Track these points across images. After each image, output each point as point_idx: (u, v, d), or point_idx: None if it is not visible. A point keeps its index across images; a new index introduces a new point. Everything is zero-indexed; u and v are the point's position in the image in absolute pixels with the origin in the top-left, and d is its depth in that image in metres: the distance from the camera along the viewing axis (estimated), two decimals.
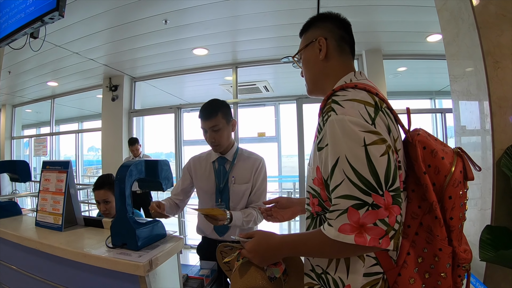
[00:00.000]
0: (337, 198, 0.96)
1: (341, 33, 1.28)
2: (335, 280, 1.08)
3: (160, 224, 1.56)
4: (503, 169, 2.30)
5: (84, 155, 12.40)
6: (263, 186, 2.37)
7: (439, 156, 1.04)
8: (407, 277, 1.05)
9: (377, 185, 0.92)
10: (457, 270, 1.05)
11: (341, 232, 0.93)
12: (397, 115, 1.10)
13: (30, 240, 1.67)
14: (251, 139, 7.03)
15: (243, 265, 1.23)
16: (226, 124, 2.25)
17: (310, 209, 1.21)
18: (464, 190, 1.05)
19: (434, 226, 1.03)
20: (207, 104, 2.24)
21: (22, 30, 2.89)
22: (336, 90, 1.10)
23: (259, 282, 1.18)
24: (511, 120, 2.40)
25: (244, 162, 2.36)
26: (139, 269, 1.24)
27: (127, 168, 1.40)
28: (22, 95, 8.39)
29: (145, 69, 6.72)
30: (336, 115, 1.00)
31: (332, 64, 1.26)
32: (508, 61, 2.44)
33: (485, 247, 2.21)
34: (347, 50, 1.29)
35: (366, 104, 1.01)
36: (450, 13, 2.90)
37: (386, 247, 0.91)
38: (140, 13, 4.24)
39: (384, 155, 0.94)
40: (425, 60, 5.93)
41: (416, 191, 1.09)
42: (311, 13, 3.02)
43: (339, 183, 0.96)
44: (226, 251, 1.38)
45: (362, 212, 0.91)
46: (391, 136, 1.03)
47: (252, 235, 1.23)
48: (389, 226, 0.91)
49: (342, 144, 0.96)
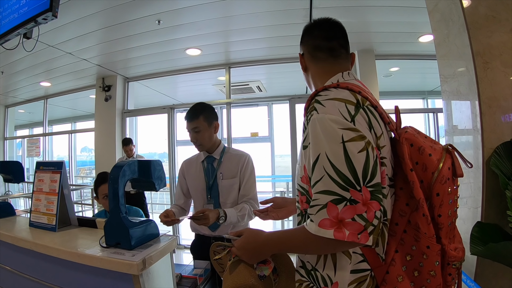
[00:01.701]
0: (317, 193, 0.98)
1: (315, 43, 1.32)
2: (324, 277, 1.09)
3: (153, 223, 1.57)
4: (492, 168, 2.34)
5: (77, 155, 12.36)
6: (251, 179, 2.50)
7: (426, 153, 1.04)
8: (395, 275, 1.06)
9: (354, 181, 0.94)
10: (447, 268, 1.05)
11: (321, 227, 0.94)
12: (384, 113, 1.12)
13: (25, 240, 1.68)
14: (244, 139, 7.04)
15: (234, 263, 1.23)
16: (207, 126, 2.40)
17: (299, 207, 1.23)
18: (453, 187, 1.05)
19: (422, 223, 1.03)
20: (192, 107, 2.43)
21: (15, 31, 2.89)
22: (319, 91, 1.13)
23: (249, 280, 1.18)
24: (503, 120, 2.43)
25: (231, 159, 2.50)
26: (133, 268, 1.25)
27: (120, 168, 1.41)
28: (15, 96, 8.33)
29: (138, 69, 6.71)
30: (318, 114, 1.03)
31: (313, 73, 1.34)
32: (498, 62, 2.47)
33: (475, 241, 2.25)
34: (324, 56, 1.31)
35: (347, 103, 1.03)
36: (441, 14, 2.93)
37: (365, 242, 0.92)
38: (133, 13, 4.24)
39: (363, 151, 0.96)
40: (418, 60, 5.97)
41: (404, 188, 1.10)
42: (303, 14, 3.02)
43: (319, 179, 0.98)
44: (219, 251, 1.39)
45: (340, 207, 0.93)
46: (373, 133, 1.04)
47: (241, 233, 1.25)
48: (368, 222, 0.92)
49: (322, 142, 0.99)
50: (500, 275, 2.38)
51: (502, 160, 2.32)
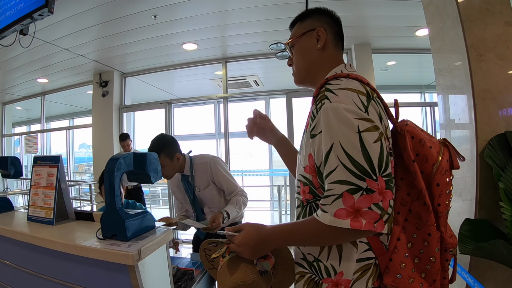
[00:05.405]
0: (332, 183, 0.98)
1: (336, 28, 1.32)
2: (327, 267, 1.11)
3: (149, 216, 1.59)
4: (486, 159, 2.35)
5: (75, 152, 12.36)
6: (225, 179, 2.62)
7: (427, 145, 1.08)
8: (398, 262, 1.09)
9: (371, 170, 0.95)
10: (444, 254, 1.10)
11: (337, 217, 0.95)
12: (387, 106, 1.15)
13: (23, 234, 1.68)
14: (241, 134, 7.04)
15: (231, 260, 1.20)
16: (169, 161, 2.50)
17: (300, 198, 1.23)
18: (450, 178, 1.10)
19: (423, 212, 1.08)
20: (150, 146, 2.51)
21: (11, 27, 2.91)
22: (329, 79, 1.13)
23: (250, 277, 1.15)
24: (501, 114, 2.45)
25: (199, 170, 2.63)
26: (129, 259, 1.26)
27: (116, 161, 1.42)
28: (12, 93, 8.32)
29: (135, 64, 6.69)
30: (331, 103, 1.02)
31: (327, 55, 1.29)
32: (492, 54, 2.48)
33: (464, 240, 2.25)
34: (340, 45, 1.33)
35: (359, 93, 1.04)
36: (435, 7, 2.94)
37: (381, 230, 0.94)
38: (130, 8, 4.24)
39: (377, 141, 0.97)
40: (414, 54, 5.98)
41: (404, 179, 1.13)
42: (299, 7, 2.99)
43: (334, 168, 0.98)
44: (210, 248, 1.36)
45: (356, 196, 0.94)
46: (383, 124, 1.06)
47: (240, 228, 1.21)
48: (383, 210, 0.94)
49: (336, 131, 0.99)
50: (495, 267, 2.39)
51: (495, 152, 2.34)
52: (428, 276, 1.10)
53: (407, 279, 1.09)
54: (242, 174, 10.49)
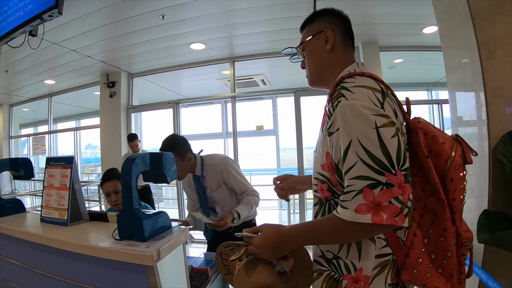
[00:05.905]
0: (351, 179, 0.99)
1: (344, 28, 1.33)
2: (347, 264, 1.11)
3: (165, 215, 1.59)
4: (498, 156, 2.34)
5: (82, 153, 12.41)
6: (237, 179, 2.62)
7: (440, 141, 1.09)
8: (415, 257, 1.10)
9: (390, 165, 0.95)
10: (461, 249, 1.11)
11: (358, 213, 0.96)
12: (401, 103, 1.16)
13: (36, 235, 1.68)
14: (250, 133, 7.06)
15: (249, 263, 1.18)
16: (181, 161, 2.48)
17: (318, 195, 1.24)
18: (463, 173, 1.11)
19: (439, 207, 1.09)
20: (161, 146, 2.52)
21: (21, 28, 2.92)
22: (344, 77, 1.14)
23: (269, 279, 1.13)
24: (507, 110, 2.44)
25: (210, 171, 2.62)
26: (148, 259, 1.27)
27: (132, 161, 1.43)
28: (19, 94, 8.37)
29: (143, 64, 6.71)
30: (347, 100, 1.04)
31: (337, 55, 1.30)
32: (502, 52, 2.47)
33: (482, 229, 2.27)
34: (350, 44, 1.34)
35: (374, 90, 1.05)
36: (445, 5, 2.93)
37: (402, 224, 0.94)
38: (137, 9, 4.26)
39: (395, 136, 0.98)
40: (421, 51, 5.96)
41: (418, 175, 1.14)
42: (307, 6, 2.99)
43: (353, 165, 0.99)
44: (227, 252, 1.33)
45: (377, 191, 0.94)
46: (398, 120, 1.06)
47: (259, 229, 1.20)
48: (403, 204, 0.94)
49: (354, 128, 1.00)
50: (506, 263, 2.39)
51: (508, 149, 2.33)
52: (445, 271, 1.10)
53: (424, 274, 1.09)
54: (250, 173, 10.48)
